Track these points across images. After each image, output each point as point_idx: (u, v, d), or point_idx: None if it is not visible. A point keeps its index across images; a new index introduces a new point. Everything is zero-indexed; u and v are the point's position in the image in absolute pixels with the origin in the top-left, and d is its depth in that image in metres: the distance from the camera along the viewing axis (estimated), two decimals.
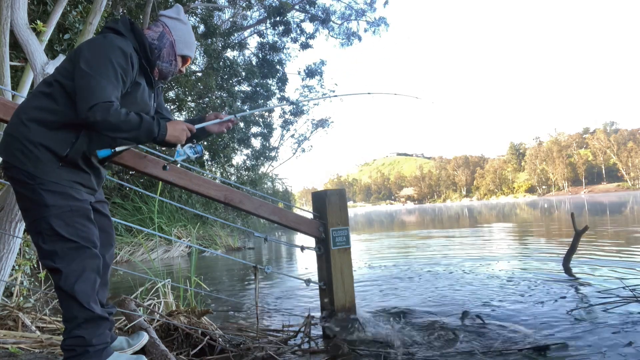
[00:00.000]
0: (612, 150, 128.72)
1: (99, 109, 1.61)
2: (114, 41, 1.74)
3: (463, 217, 22.74)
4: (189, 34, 2.01)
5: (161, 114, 2.13)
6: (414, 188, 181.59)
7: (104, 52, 1.70)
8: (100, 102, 1.62)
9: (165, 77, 2.00)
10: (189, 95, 13.58)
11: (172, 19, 1.97)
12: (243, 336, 2.73)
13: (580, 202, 37.46)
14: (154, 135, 1.75)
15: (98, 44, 1.73)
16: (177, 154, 1.87)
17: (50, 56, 3.14)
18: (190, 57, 2.04)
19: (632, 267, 4.93)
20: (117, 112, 1.65)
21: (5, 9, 2.86)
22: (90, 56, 1.69)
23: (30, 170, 1.65)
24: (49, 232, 1.66)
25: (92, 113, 1.61)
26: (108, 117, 1.63)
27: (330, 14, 19.76)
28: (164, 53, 1.92)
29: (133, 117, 1.69)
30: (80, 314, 1.67)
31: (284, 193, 23.98)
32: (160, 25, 1.95)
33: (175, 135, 1.83)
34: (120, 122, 1.65)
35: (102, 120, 1.62)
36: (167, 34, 1.94)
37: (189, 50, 2.01)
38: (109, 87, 1.66)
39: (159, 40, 1.92)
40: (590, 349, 2.41)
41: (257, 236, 2.90)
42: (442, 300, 3.81)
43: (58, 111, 1.69)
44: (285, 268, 7.00)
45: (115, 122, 1.64)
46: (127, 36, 1.83)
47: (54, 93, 1.71)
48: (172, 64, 1.97)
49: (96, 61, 1.67)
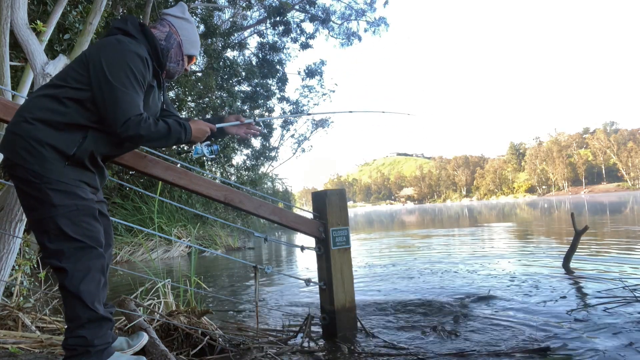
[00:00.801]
0: (612, 150, 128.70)
1: (131, 124, 1.68)
2: (129, 46, 1.74)
3: (463, 217, 22.73)
4: (194, 33, 2.01)
5: (168, 111, 2.14)
6: (414, 188, 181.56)
7: (123, 61, 1.70)
8: (132, 116, 1.68)
9: (172, 76, 2.01)
10: (189, 95, 13.58)
11: (178, 19, 1.97)
12: (243, 336, 2.73)
13: (580, 202, 37.46)
14: (182, 140, 1.86)
15: (115, 51, 1.71)
16: (195, 152, 1.97)
17: (50, 56, 3.14)
18: (196, 56, 2.05)
19: (632, 267, 4.93)
20: (148, 125, 1.72)
21: (5, 9, 2.86)
22: (110, 66, 1.68)
23: (36, 169, 1.64)
24: (55, 231, 1.65)
25: (125, 129, 1.68)
26: (140, 131, 1.70)
27: (330, 14, 19.74)
28: (172, 54, 1.93)
29: (162, 126, 1.78)
30: (84, 314, 1.67)
31: (284, 193, 23.97)
32: (167, 25, 1.94)
33: (198, 135, 1.95)
34: (151, 134, 1.74)
35: (134, 135, 1.70)
36: (174, 34, 1.93)
37: (195, 50, 2.02)
38: (135, 99, 1.71)
39: (167, 40, 1.91)
40: (592, 349, 2.40)
41: (257, 236, 2.89)
42: (442, 300, 3.80)
43: (66, 113, 1.68)
44: (285, 268, 7.00)
45: (146, 135, 1.73)
46: (139, 38, 1.82)
47: (63, 97, 1.69)
48: (179, 64, 1.97)
49: (117, 72, 1.68)
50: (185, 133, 1.87)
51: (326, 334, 2.85)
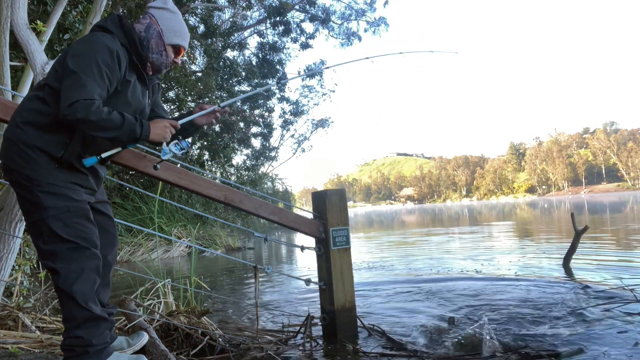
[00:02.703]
0: (612, 150, 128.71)
1: (79, 106, 1.59)
2: (99, 38, 1.72)
3: (463, 217, 22.73)
4: (177, 22, 1.94)
5: (156, 113, 2.09)
6: (414, 188, 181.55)
7: (89, 51, 1.68)
8: (81, 99, 1.59)
9: (159, 69, 1.95)
10: (189, 95, 13.57)
11: (158, 9, 1.93)
12: (243, 336, 2.73)
13: (581, 202, 37.46)
14: (136, 135, 1.71)
15: (83, 43, 1.72)
16: (163, 153, 1.86)
17: (50, 56, 3.14)
18: (183, 46, 1.97)
19: (632, 266, 4.93)
20: (99, 111, 1.61)
21: (5, 9, 2.86)
22: (75, 55, 1.68)
23: (27, 173, 1.65)
24: (48, 233, 1.66)
25: (72, 110, 1.59)
26: (89, 115, 1.59)
27: (330, 14, 19.73)
28: (152, 44, 1.88)
29: (115, 116, 1.66)
30: (78, 314, 1.67)
31: (284, 193, 23.98)
32: (148, 17, 1.92)
33: (158, 133, 1.80)
34: (101, 120, 1.62)
35: (82, 118, 1.59)
36: (153, 24, 1.89)
37: (179, 39, 1.94)
38: (91, 85, 1.63)
39: (146, 31, 1.88)
40: (592, 349, 2.40)
41: (257, 236, 2.89)
42: (442, 300, 3.80)
43: (50, 113, 1.68)
44: (285, 268, 7.00)
45: (95, 120, 1.61)
46: (116, 33, 1.80)
47: (46, 96, 1.70)
48: (162, 55, 1.91)
49: (80, 60, 1.66)
50: (142, 129, 1.72)
51: (326, 334, 2.86)
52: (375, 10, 21.56)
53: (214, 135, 14.54)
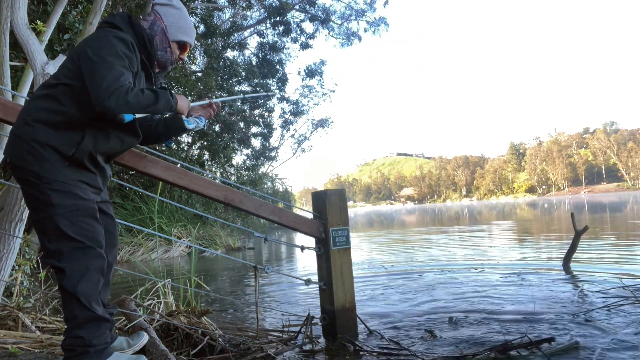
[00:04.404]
0: (612, 150, 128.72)
1: (117, 94, 1.60)
2: (113, 33, 1.74)
3: (463, 217, 22.73)
4: (182, 19, 1.96)
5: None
6: (414, 188, 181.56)
7: (107, 43, 1.70)
8: (117, 87, 1.61)
9: (165, 66, 1.97)
10: (189, 95, 13.58)
11: (163, 6, 1.94)
12: (243, 336, 2.73)
13: (581, 202, 37.46)
14: (172, 104, 1.80)
15: (99, 38, 1.73)
16: (188, 122, 1.95)
17: (50, 56, 3.14)
18: (188, 42, 1.98)
19: (632, 266, 4.93)
20: (135, 93, 1.65)
21: (5, 9, 2.86)
22: (94, 49, 1.68)
23: (36, 170, 1.65)
24: (54, 231, 1.66)
25: (112, 101, 1.60)
26: (129, 101, 1.62)
27: (330, 14, 19.75)
28: (156, 41, 1.90)
29: (148, 93, 1.70)
30: (81, 314, 1.67)
31: (284, 193, 23.99)
32: (152, 14, 1.93)
33: (182, 104, 1.90)
34: (141, 101, 1.66)
35: (123, 104, 1.61)
36: (158, 20, 1.91)
37: (184, 35, 1.95)
38: (120, 72, 1.65)
39: (150, 28, 1.89)
40: (591, 347, 2.40)
41: (257, 236, 2.89)
42: (443, 300, 3.80)
43: (63, 112, 1.69)
44: (285, 268, 7.00)
45: (136, 102, 1.64)
46: (126, 30, 1.82)
47: (58, 95, 1.70)
48: (167, 51, 1.93)
49: (102, 52, 1.67)
50: (172, 98, 1.81)
51: (326, 334, 2.86)
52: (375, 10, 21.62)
53: (214, 135, 14.55)
